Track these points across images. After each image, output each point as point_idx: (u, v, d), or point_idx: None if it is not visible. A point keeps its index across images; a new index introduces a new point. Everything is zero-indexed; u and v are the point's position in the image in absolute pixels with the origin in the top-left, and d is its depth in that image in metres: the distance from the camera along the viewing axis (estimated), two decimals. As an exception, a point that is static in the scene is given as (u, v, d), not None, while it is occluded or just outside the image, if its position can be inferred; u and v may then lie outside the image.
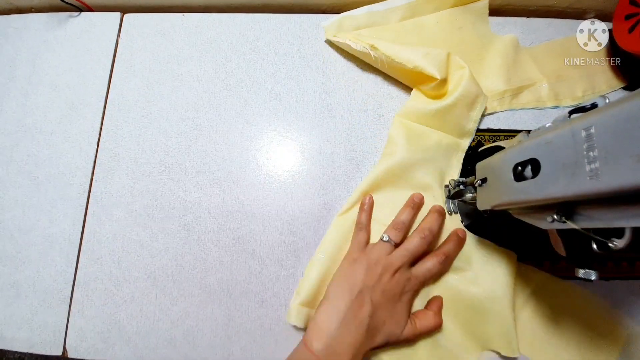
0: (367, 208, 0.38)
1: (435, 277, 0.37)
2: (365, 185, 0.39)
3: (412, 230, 0.37)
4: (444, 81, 0.38)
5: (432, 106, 0.39)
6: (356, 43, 0.41)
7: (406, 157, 0.38)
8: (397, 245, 0.35)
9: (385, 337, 0.33)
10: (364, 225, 0.37)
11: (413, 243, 0.35)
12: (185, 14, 0.47)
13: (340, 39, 0.42)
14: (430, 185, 0.39)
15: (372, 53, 0.40)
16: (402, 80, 0.43)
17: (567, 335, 0.35)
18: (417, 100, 0.41)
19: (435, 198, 0.39)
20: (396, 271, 0.34)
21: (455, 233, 0.37)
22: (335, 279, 0.35)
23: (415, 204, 0.37)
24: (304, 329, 0.36)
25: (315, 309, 0.35)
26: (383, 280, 0.33)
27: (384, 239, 0.35)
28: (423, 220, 0.37)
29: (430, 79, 0.38)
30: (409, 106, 0.41)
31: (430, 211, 0.37)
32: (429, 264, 0.35)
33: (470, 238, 0.37)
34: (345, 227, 0.38)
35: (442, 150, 0.39)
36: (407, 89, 0.43)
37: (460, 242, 0.37)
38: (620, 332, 0.35)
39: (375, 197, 0.39)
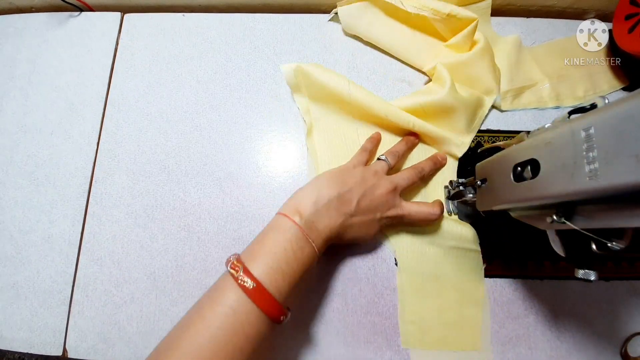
0: (374, 141, 0.40)
1: (410, 186, 0.37)
2: (405, 102, 0.39)
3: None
4: (470, 35, 0.38)
5: (458, 58, 0.39)
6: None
7: (447, 98, 0.37)
8: (390, 169, 0.37)
9: (354, 239, 0.34)
10: (368, 149, 0.38)
11: (408, 172, 0.37)
12: (185, 14, 0.47)
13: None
14: (452, 132, 0.40)
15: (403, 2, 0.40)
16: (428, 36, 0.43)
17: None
18: (444, 57, 0.41)
19: (449, 149, 0.40)
20: (390, 191, 0.34)
21: (435, 155, 0.40)
22: (327, 173, 0.35)
23: (410, 141, 0.40)
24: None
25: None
26: (375, 192, 0.34)
27: (381, 157, 0.37)
28: (420, 162, 0.39)
29: (464, 24, 0.38)
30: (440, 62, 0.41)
31: (430, 157, 0.40)
32: (407, 174, 0.36)
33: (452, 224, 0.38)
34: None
35: (470, 102, 0.39)
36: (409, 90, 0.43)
37: (437, 163, 0.39)
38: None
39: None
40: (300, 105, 0.42)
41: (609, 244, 0.21)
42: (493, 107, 0.42)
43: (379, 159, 0.37)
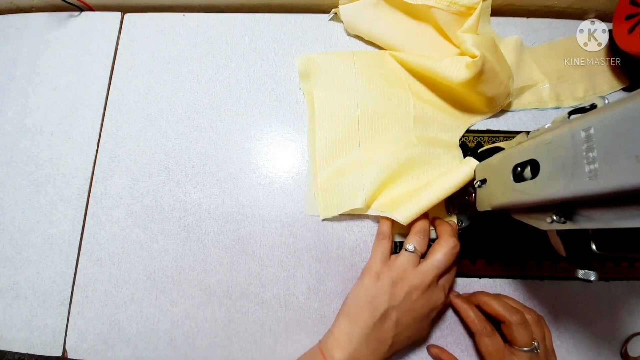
0: (388, 221, 0.36)
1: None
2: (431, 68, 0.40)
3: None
4: (474, 27, 0.38)
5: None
6: None
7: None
8: (422, 256, 0.33)
9: (408, 346, 0.34)
10: (386, 234, 0.35)
11: (440, 254, 0.32)
12: (185, 13, 0.47)
13: None
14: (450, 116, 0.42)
15: None
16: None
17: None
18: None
19: None
20: (427, 289, 0.32)
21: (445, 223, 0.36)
22: (355, 294, 0.33)
23: (428, 218, 0.36)
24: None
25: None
26: (411, 298, 0.31)
27: (409, 248, 0.33)
28: (438, 229, 0.35)
29: (466, 12, 0.38)
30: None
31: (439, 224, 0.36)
32: (440, 254, 0.32)
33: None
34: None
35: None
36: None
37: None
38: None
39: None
40: (304, 90, 0.43)
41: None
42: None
43: (405, 249, 0.33)
